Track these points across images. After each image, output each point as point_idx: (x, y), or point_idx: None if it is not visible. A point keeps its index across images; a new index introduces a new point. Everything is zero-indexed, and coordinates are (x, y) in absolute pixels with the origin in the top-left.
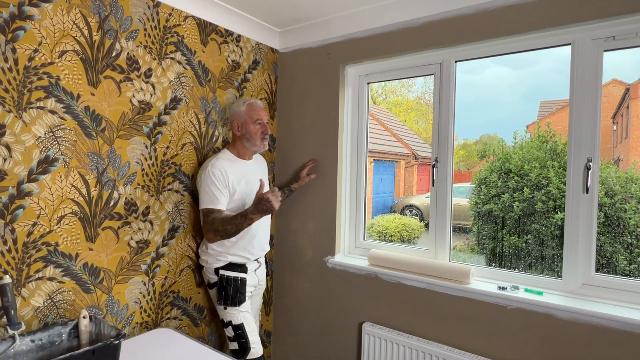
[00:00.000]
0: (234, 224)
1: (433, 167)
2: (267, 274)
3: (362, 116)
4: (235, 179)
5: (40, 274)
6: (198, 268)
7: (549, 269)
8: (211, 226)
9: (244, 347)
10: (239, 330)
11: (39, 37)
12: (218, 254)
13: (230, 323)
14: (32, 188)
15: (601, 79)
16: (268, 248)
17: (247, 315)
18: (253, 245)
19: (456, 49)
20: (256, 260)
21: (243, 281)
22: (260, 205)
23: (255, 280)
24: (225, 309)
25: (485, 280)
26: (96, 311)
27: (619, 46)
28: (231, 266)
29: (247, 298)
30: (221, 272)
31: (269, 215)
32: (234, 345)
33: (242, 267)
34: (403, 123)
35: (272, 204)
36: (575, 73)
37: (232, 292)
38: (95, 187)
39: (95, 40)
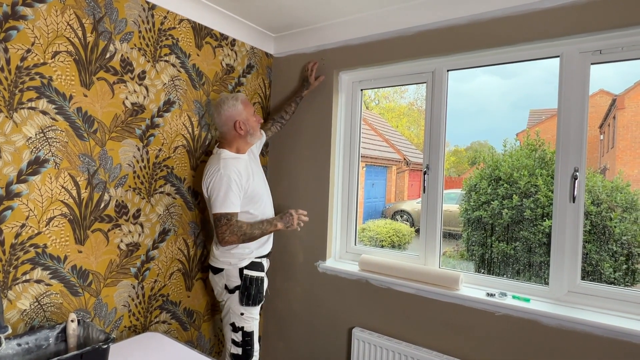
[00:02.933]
0: (260, 229)
1: (424, 174)
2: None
3: (355, 122)
4: (246, 176)
5: (28, 276)
6: (203, 270)
7: (536, 276)
8: (236, 230)
9: (248, 354)
10: (248, 337)
11: (32, 37)
12: (241, 253)
13: (241, 329)
14: (22, 189)
15: (588, 91)
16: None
17: (257, 323)
18: (270, 235)
19: (448, 58)
20: (267, 258)
21: (262, 280)
22: (286, 217)
23: (267, 282)
24: (242, 314)
25: (474, 287)
26: (84, 314)
27: (605, 59)
28: (253, 265)
29: (263, 298)
30: (245, 272)
31: (272, 205)
32: (237, 350)
33: (260, 266)
34: (395, 129)
35: (292, 220)
36: (563, 84)
37: (254, 291)
38: (86, 189)
39: (89, 42)
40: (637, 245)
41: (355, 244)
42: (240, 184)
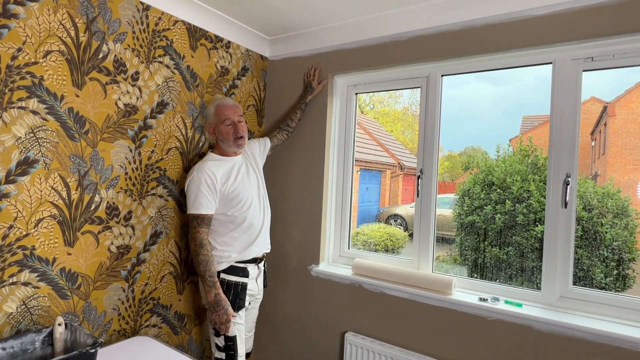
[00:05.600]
0: (205, 271)
1: (418, 178)
2: (265, 286)
3: (350, 126)
4: (224, 178)
5: (15, 279)
6: (195, 273)
7: (528, 281)
8: (197, 242)
9: (232, 359)
10: (231, 342)
11: (24, 36)
12: (220, 256)
13: (224, 333)
14: (10, 190)
15: (580, 98)
16: (269, 248)
17: (241, 327)
18: (255, 241)
19: (442, 64)
20: (256, 264)
21: (244, 286)
22: (221, 307)
23: (256, 289)
24: None
25: (466, 292)
26: (72, 318)
27: (597, 67)
28: (233, 269)
29: (245, 304)
30: (222, 275)
31: (269, 214)
32: (220, 355)
33: (243, 271)
34: (389, 133)
35: (217, 317)
36: (556, 91)
37: (232, 297)
38: (76, 190)
39: (81, 42)
40: (628, 251)
41: (348, 248)
42: (213, 186)
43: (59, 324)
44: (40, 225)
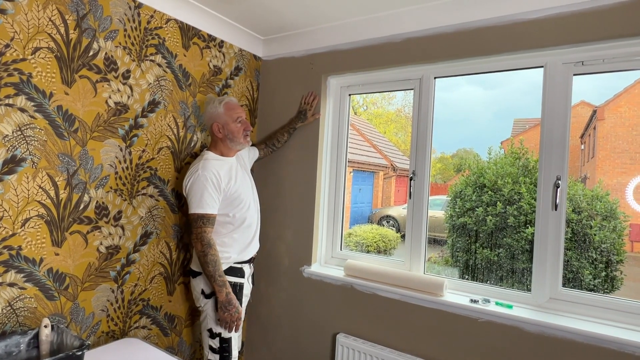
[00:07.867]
0: (214, 271)
1: (410, 179)
2: (252, 284)
3: (343, 126)
4: (227, 179)
5: (0, 280)
6: (185, 274)
7: (519, 282)
8: (205, 242)
9: None
10: (226, 343)
11: (12, 32)
12: (220, 257)
13: (219, 335)
14: None
15: (570, 101)
16: (259, 246)
17: None
18: (252, 241)
19: (435, 66)
20: (250, 264)
21: (241, 286)
22: (232, 305)
23: (249, 289)
24: (219, 320)
25: (458, 293)
26: (59, 319)
27: (587, 71)
28: (232, 270)
29: (243, 304)
30: None
31: (259, 212)
32: (214, 357)
33: (240, 272)
34: (383, 134)
35: (229, 315)
36: (547, 94)
37: None
38: (65, 189)
39: (71, 39)
40: (616, 253)
41: (341, 249)
42: (218, 185)
43: (45, 326)
44: (27, 225)
